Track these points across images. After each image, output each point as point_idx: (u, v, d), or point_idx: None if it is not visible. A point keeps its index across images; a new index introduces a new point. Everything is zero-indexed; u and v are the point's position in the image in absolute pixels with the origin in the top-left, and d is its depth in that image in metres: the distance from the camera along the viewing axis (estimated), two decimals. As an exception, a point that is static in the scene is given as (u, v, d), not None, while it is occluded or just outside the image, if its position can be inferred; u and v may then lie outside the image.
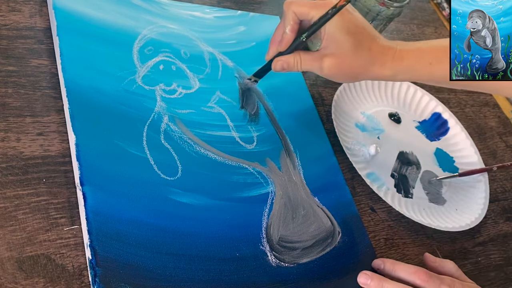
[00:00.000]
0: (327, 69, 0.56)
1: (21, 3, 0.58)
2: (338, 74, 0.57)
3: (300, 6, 0.55)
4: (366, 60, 0.55)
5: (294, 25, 0.56)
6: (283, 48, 0.57)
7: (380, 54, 0.56)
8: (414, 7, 0.99)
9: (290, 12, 0.55)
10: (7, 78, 0.52)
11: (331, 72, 0.56)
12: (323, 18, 0.54)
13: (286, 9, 0.56)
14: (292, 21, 0.56)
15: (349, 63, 0.56)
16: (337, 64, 0.55)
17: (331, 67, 0.55)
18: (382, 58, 0.56)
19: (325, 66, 0.55)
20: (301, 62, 0.57)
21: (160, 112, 0.57)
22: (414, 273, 0.52)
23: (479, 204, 0.70)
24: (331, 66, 0.55)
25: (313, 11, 0.55)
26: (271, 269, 0.52)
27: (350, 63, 0.56)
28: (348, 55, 0.55)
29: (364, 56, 0.55)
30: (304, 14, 0.55)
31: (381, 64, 0.56)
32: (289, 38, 0.56)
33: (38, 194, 0.47)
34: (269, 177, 0.59)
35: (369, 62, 0.56)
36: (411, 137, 0.75)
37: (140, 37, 0.61)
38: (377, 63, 0.56)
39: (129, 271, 0.45)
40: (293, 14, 0.55)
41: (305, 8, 0.55)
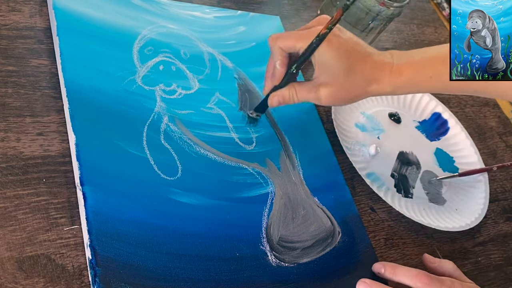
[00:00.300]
0: (324, 99, 0.55)
1: (21, 3, 0.58)
2: (336, 101, 0.57)
3: (285, 40, 0.55)
4: (361, 82, 0.55)
5: (283, 59, 0.56)
6: (277, 82, 0.57)
7: (375, 72, 0.55)
8: (414, 7, 0.99)
9: (276, 48, 0.55)
10: (7, 78, 0.52)
11: (328, 101, 0.56)
12: (309, 49, 0.53)
13: (271, 45, 0.56)
14: (280, 55, 0.55)
15: (345, 89, 0.55)
16: (333, 92, 0.55)
17: (327, 97, 0.55)
18: (378, 76, 0.55)
19: (322, 97, 0.55)
20: (297, 94, 0.56)
21: (160, 113, 0.57)
22: (415, 277, 0.52)
23: (479, 204, 0.70)
24: (327, 95, 0.55)
25: (298, 43, 0.54)
26: (271, 269, 0.52)
27: (346, 88, 0.55)
28: (342, 81, 0.54)
29: (359, 78, 0.54)
30: (290, 47, 0.55)
31: (378, 82, 0.55)
32: (281, 72, 0.56)
33: (38, 194, 0.47)
34: (269, 177, 0.59)
35: (365, 84, 0.55)
36: (411, 137, 0.75)
37: (140, 37, 0.61)
38: (373, 83, 0.55)
39: (129, 271, 0.45)
40: (279, 50, 0.55)
41: (291, 42, 0.54)
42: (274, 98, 0.57)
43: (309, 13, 0.82)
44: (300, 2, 0.83)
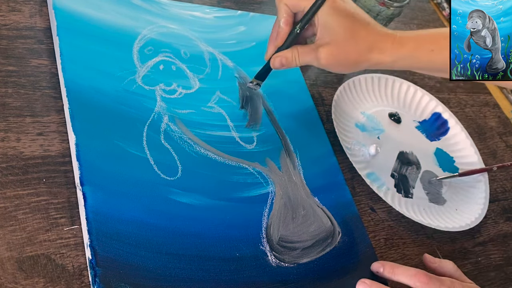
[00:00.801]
0: (323, 59, 0.55)
1: (21, 3, 0.58)
2: (335, 64, 0.56)
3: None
4: (362, 46, 0.55)
5: (288, 17, 0.56)
6: (280, 42, 0.57)
7: (377, 40, 0.55)
8: (414, 7, 0.99)
9: (282, 5, 0.55)
10: (7, 78, 0.52)
11: (328, 62, 0.56)
12: (313, 6, 0.53)
13: (278, 3, 0.56)
14: (285, 13, 0.55)
15: (345, 51, 0.55)
16: (333, 53, 0.55)
17: (327, 57, 0.55)
18: (380, 44, 0.55)
19: (321, 56, 0.55)
20: (299, 56, 0.56)
21: (160, 112, 0.57)
22: (414, 276, 0.51)
23: (479, 204, 0.70)
24: (327, 55, 0.55)
25: (304, 2, 0.54)
26: (271, 269, 0.52)
27: (346, 51, 0.55)
28: (343, 42, 0.54)
29: (360, 42, 0.54)
30: (295, 5, 0.55)
31: (379, 50, 0.55)
32: (285, 31, 0.56)
33: (38, 194, 0.47)
34: (269, 177, 0.59)
35: (366, 49, 0.55)
36: (411, 137, 0.75)
37: (140, 37, 0.61)
38: (375, 50, 0.55)
39: (129, 271, 0.45)
40: (285, 7, 0.55)
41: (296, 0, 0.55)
42: (276, 59, 0.57)
43: (309, 13, 0.82)
44: None
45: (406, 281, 0.52)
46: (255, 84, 0.62)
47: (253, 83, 0.62)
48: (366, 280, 0.53)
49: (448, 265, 0.56)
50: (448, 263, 0.57)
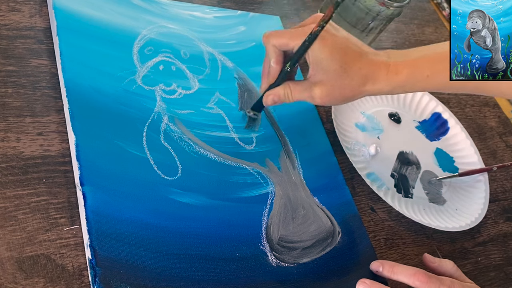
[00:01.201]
0: (318, 99, 0.55)
1: (21, 3, 0.58)
2: (330, 101, 0.56)
3: (278, 38, 0.54)
4: (356, 81, 0.54)
5: (277, 57, 0.55)
6: (272, 80, 0.56)
7: (371, 71, 0.54)
8: (414, 7, 0.99)
9: (270, 46, 0.55)
10: (7, 78, 0.52)
11: (323, 101, 0.55)
12: (302, 47, 0.52)
13: (265, 43, 0.55)
14: (274, 53, 0.55)
15: (339, 88, 0.54)
16: (327, 91, 0.54)
17: (321, 96, 0.54)
18: (374, 75, 0.54)
19: (315, 96, 0.54)
20: (292, 93, 0.55)
21: (160, 112, 0.57)
22: (413, 275, 0.52)
23: (479, 204, 0.70)
24: (321, 94, 0.54)
25: (292, 42, 0.53)
26: (271, 269, 0.52)
27: (340, 87, 0.54)
28: (337, 80, 0.53)
29: (354, 77, 0.53)
30: (283, 45, 0.54)
31: (374, 81, 0.54)
32: (275, 70, 0.56)
33: (38, 194, 0.47)
34: (269, 177, 0.59)
35: (361, 82, 0.54)
36: (411, 137, 0.75)
37: (140, 37, 0.61)
38: (369, 82, 0.54)
39: (129, 271, 0.45)
40: (273, 47, 0.55)
41: (284, 40, 0.54)
42: (269, 97, 0.57)
43: (309, 13, 0.82)
44: (300, 2, 0.83)
45: (406, 280, 0.52)
46: (253, 114, 0.62)
47: (251, 113, 0.62)
48: (366, 280, 0.53)
49: (448, 264, 0.56)
50: (448, 262, 0.57)
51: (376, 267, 0.55)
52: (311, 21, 0.55)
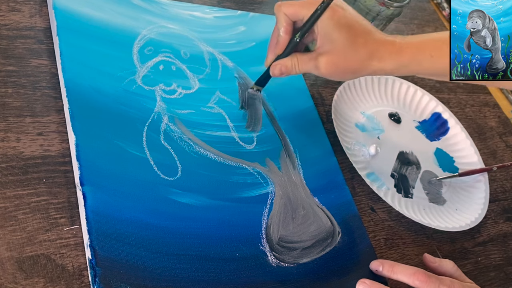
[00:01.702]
0: (323, 68, 0.55)
1: (21, 3, 0.58)
2: (335, 72, 0.56)
3: (289, 6, 0.55)
4: (362, 55, 0.54)
5: (287, 26, 0.55)
6: (280, 50, 0.57)
7: (377, 48, 0.55)
8: (414, 7, 0.99)
9: (281, 14, 0.55)
10: (7, 78, 0.52)
11: (327, 71, 0.55)
12: (313, 15, 0.53)
13: (276, 12, 0.56)
14: (284, 22, 0.55)
15: (345, 60, 0.55)
16: (332, 61, 0.54)
17: (327, 65, 0.55)
18: (380, 52, 0.55)
19: (321, 65, 0.55)
20: (298, 64, 0.56)
21: (160, 112, 0.57)
22: (413, 275, 0.52)
23: (479, 204, 0.70)
24: (326, 64, 0.55)
25: (303, 10, 0.54)
26: (271, 269, 0.52)
27: (346, 59, 0.55)
28: (343, 51, 0.54)
29: (360, 51, 0.54)
30: (294, 14, 0.55)
31: (380, 58, 0.55)
32: (284, 40, 0.56)
33: (38, 194, 0.47)
34: (269, 177, 0.59)
35: (366, 57, 0.55)
36: (411, 137, 0.75)
37: (140, 37, 0.61)
38: (375, 58, 0.55)
39: (129, 271, 0.45)
40: (284, 16, 0.55)
41: (295, 8, 0.55)
42: (276, 66, 0.57)
43: (309, 13, 0.82)
44: (300, 2, 0.83)
45: (405, 280, 0.52)
46: (255, 90, 0.62)
47: (253, 89, 0.62)
48: (366, 280, 0.53)
49: (448, 264, 0.56)
50: (448, 262, 0.57)
51: (376, 266, 0.55)
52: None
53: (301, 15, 0.55)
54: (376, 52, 0.55)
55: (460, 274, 0.56)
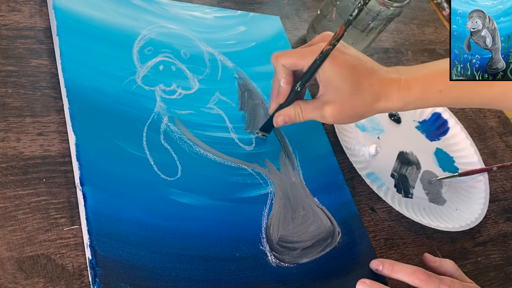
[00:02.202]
0: (329, 117, 0.54)
1: (21, 3, 0.58)
2: (342, 119, 0.55)
3: (287, 58, 0.54)
4: (368, 99, 0.53)
5: (287, 77, 0.54)
6: (281, 100, 0.56)
7: (383, 89, 0.53)
8: (414, 7, 0.99)
9: (280, 66, 0.54)
10: (7, 78, 0.52)
11: (334, 119, 0.54)
12: (313, 66, 0.52)
13: (274, 64, 0.55)
14: (284, 73, 0.54)
15: (350, 107, 0.53)
16: (338, 110, 0.53)
17: (333, 115, 0.53)
18: (386, 92, 0.53)
19: (326, 114, 0.54)
20: (302, 113, 0.55)
21: (160, 113, 0.57)
22: (412, 274, 0.52)
23: (479, 204, 0.70)
24: (332, 113, 0.53)
25: (301, 61, 0.53)
26: (271, 269, 0.52)
27: (352, 106, 0.53)
28: (348, 98, 0.53)
29: (365, 95, 0.53)
30: (293, 65, 0.54)
31: (386, 98, 0.53)
32: (285, 90, 0.55)
33: (38, 194, 0.47)
34: (269, 178, 0.59)
35: (372, 100, 0.53)
36: (411, 137, 0.75)
37: (140, 37, 0.61)
38: (381, 99, 0.53)
39: (129, 271, 0.45)
40: (283, 68, 0.54)
41: (293, 59, 0.53)
42: (279, 117, 0.56)
43: (309, 13, 0.82)
44: (300, 2, 0.83)
45: (405, 279, 0.52)
46: (262, 135, 0.62)
47: (259, 134, 0.61)
48: (366, 280, 0.53)
49: (448, 264, 0.56)
50: (449, 262, 0.57)
51: (376, 265, 0.55)
52: (319, 40, 0.55)
53: (300, 66, 0.53)
54: (382, 93, 0.53)
55: (460, 274, 0.56)
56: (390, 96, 0.53)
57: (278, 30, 0.74)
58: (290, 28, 0.77)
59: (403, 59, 0.86)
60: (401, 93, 0.53)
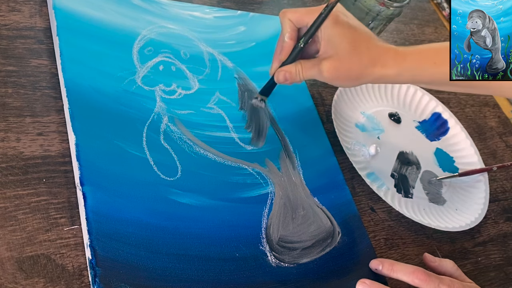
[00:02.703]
0: (326, 72, 0.55)
1: (21, 3, 0.58)
2: (338, 77, 0.56)
3: (294, 13, 0.56)
4: (365, 60, 0.55)
5: (292, 32, 0.56)
6: (284, 57, 0.57)
7: (380, 54, 0.55)
8: (414, 7, 0.99)
9: (286, 20, 0.56)
10: (7, 78, 0.52)
11: (330, 75, 0.55)
12: (317, 20, 0.54)
13: (281, 18, 0.57)
14: (289, 28, 0.56)
15: (348, 65, 0.55)
16: (335, 66, 0.55)
17: (330, 70, 0.55)
18: (383, 57, 0.55)
19: (324, 69, 0.55)
20: (302, 70, 0.56)
21: (160, 113, 0.57)
22: (412, 273, 0.52)
23: (479, 204, 0.70)
24: (329, 69, 0.55)
25: (307, 17, 0.55)
26: (271, 269, 0.52)
27: (349, 64, 0.55)
28: (346, 56, 0.54)
29: (363, 56, 0.55)
30: (299, 20, 0.56)
31: (383, 64, 0.55)
32: (289, 46, 0.57)
33: (38, 194, 0.47)
34: (269, 177, 0.59)
35: (369, 63, 0.55)
36: (411, 137, 0.75)
37: (140, 37, 0.61)
38: (378, 64, 0.55)
39: (129, 271, 0.45)
40: (289, 22, 0.56)
41: (300, 15, 0.56)
42: (280, 73, 0.57)
43: (309, 13, 0.82)
44: (300, 2, 0.83)
45: (405, 278, 0.52)
46: (259, 100, 0.62)
47: (257, 98, 0.62)
48: (366, 280, 0.53)
49: (448, 264, 0.56)
50: (448, 262, 0.57)
51: (375, 265, 0.55)
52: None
53: (305, 21, 0.55)
54: (379, 58, 0.55)
55: (460, 274, 0.56)
56: (387, 62, 0.55)
57: (278, 30, 0.74)
58: (290, 28, 0.77)
59: (403, 59, 0.86)
60: (397, 60, 0.55)
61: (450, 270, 0.56)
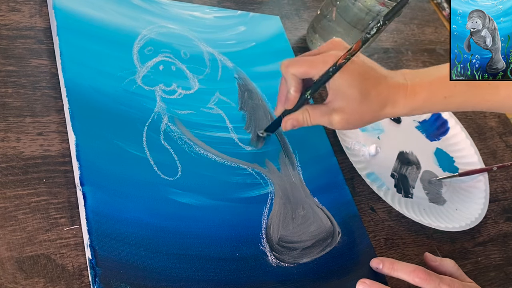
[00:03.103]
0: (337, 125, 0.55)
1: (21, 3, 0.58)
2: (349, 126, 0.56)
3: (298, 67, 0.54)
4: (376, 105, 0.54)
5: (297, 85, 0.54)
6: (290, 107, 0.56)
7: (390, 95, 0.54)
8: (414, 7, 0.99)
9: (290, 75, 0.54)
10: (7, 78, 0.52)
11: (341, 126, 0.55)
12: (324, 76, 0.52)
13: (284, 73, 0.55)
14: (294, 82, 0.54)
15: (359, 114, 0.54)
16: (346, 118, 0.54)
17: (341, 122, 0.54)
18: (393, 97, 0.54)
19: (334, 122, 0.54)
20: (310, 118, 0.55)
21: (160, 113, 0.57)
22: (412, 272, 0.52)
23: (479, 204, 0.70)
24: (340, 121, 0.54)
25: (312, 70, 0.53)
26: (271, 269, 0.52)
27: (360, 113, 0.54)
28: (356, 107, 0.53)
29: (373, 103, 0.53)
30: (304, 74, 0.54)
31: (393, 104, 0.54)
32: (295, 97, 0.55)
33: (38, 194, 0.47)
34: (269, 178, 0.59)
35: (379, 107, 0.54)
36: (411, 137, 0.75)
37: (140, 37, 0.61)
38: (388, 105, 0.54)
39: (129, 271, 0.45)
40: (293, 76, 0.54)
41: (304, 69, 0.53)
42: (288, 121, 0.56)
43: (309, 13, 0.82)
44: (300, 2, 0.83)
45: (405, 277, 0.52)
46: (266, 135, 0.61)
47: (263, 134, 0.61)
48: (366, 280, 0.53)
49: (448, 264, 0.56)
50: (449, 261, 0.57)
51: (376, 264, 0.55)
52: (328, 47, 0.55)
53: (310, 75, 0.53)
54: (389, 99, 0.54)
55: (460, 273, 0.56)
56: (397, 102, 0.54)
57: (278, 30, 0.74)
58: (290, 28, 0.77)
59: (403, 59, 0.86)
60: (407, 99, 0.54)
61: (450, 269, 0.56)
